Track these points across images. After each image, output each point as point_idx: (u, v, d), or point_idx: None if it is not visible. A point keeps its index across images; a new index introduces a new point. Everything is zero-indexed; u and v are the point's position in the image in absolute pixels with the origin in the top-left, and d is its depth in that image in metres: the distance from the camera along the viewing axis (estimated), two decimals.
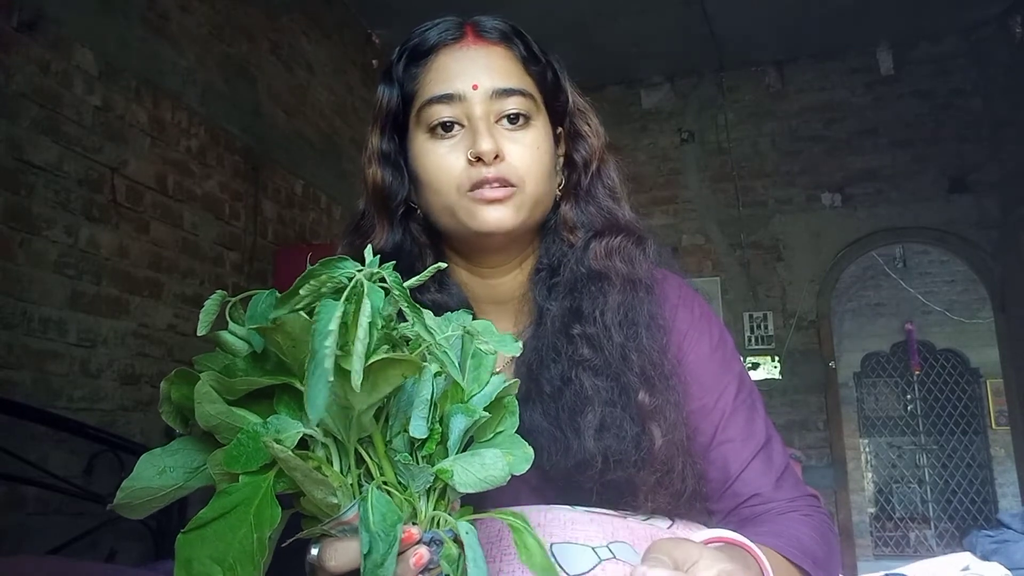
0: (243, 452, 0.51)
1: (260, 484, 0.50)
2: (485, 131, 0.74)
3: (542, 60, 0.81)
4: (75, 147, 2.52)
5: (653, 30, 4.90)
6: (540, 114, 0.79)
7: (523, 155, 0.76)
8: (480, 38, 0.78)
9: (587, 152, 0.84)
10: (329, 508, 0.51)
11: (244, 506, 0.50)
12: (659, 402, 0.74)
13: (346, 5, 4.42)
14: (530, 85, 0.79)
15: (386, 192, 0.81)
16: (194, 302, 3.05)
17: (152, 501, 0.54)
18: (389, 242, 0.81)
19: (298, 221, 3.83)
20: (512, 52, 0.79)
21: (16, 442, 2.17)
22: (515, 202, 0.75)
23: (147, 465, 0.53)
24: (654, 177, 5.50)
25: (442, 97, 0.75)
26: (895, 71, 5.09)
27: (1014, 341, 4.81)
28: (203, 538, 0.50)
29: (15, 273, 2.30)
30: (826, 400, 5.03)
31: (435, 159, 0.76)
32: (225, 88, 3.34)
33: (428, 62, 0.78)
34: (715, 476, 0.78)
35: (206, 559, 0.49)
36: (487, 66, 0.77)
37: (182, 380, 0.53)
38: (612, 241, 0.80)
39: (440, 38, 0.78)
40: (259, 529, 0.49)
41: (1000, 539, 2.73)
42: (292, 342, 0.50)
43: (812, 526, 0.74)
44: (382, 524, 0.49)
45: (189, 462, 0.54)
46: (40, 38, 2.41)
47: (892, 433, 8.58)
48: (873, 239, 5.18)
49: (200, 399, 0.51)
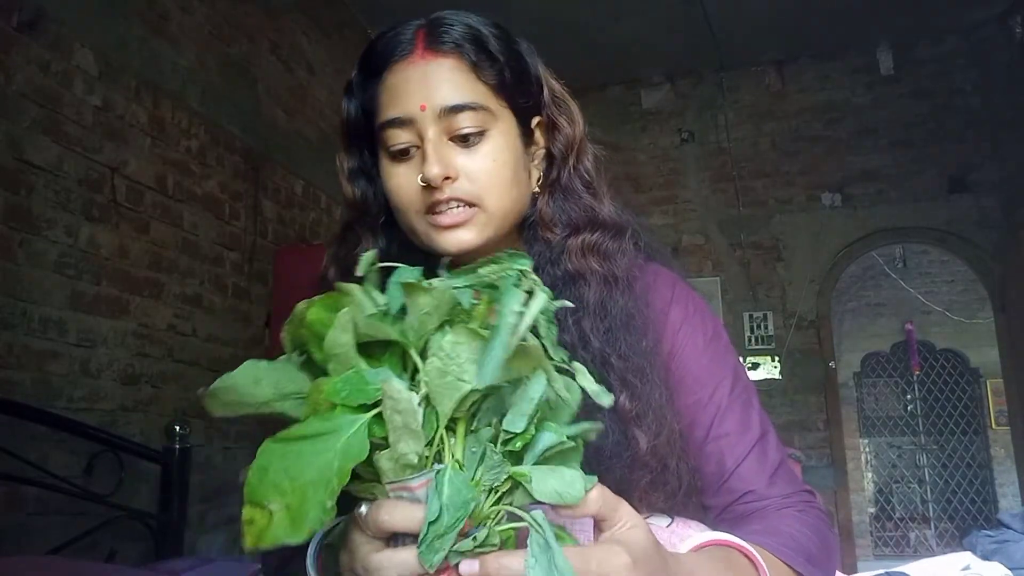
0: (348, 387, 0.52)
1: (358, 419, 0.52)
2: (432, 154, 0.73)
3: (500, 59, 0.78)
4: (75, 147, 2.52)
5: (653, 30, 4.90)
6: (499, 120, 0.77)
7: (479, 171, 0.75)
8: (429, 51, 0.76)
9: (563, 144, 0.83)
10: (401, 469, 0.52)
11: (335, 434, 0.51)
12: (640, 406, 0.73)
13: (346, 5, 4.42)
14: (483, 94, 0.76)
15: (362, 207, 0.82)
16: (194, 302, 3.05)
17: (235, 405, 0.56)
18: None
19: (298, 221, 3.83)
20: (462, 62, 0.76)
21: (16, 442, 2.17)
22: (476, 223, 0.75)
23: (247, 371, 0.56)
24: (654, 177, 5.50)
25: (394, 121, 0.75)
26: (895, 71, 5.09)
27: (1014, 341, 4.81)
28: (286, 451, 0.51)
29: (15, 273, 2.30)
30: (826, 400, 5.03)
31: (395, 182, 0.76)
32: (225, 88, 3.34)
33: (381, 80, 0.77)
34: (711, 471, 0.78)
35: (282, 471, 0.50)
36: (435, 83, 0.75)
37: (324, 305, 0.55)
38: (589, 238, 0.79)
39: (391, 53, 0.77)
40: (343, 459, 0.50)
41: (1000, 539, 2.73)
42: (433, 306, 0.53)
43: (806, 522, 0.74)
44: (455, 498, 0.50)
45: (282, 385, 0.56)
46: (40, 38, 2.40)
47: (892, 433, 8.58)
48: (873, 239, 5.18)
49: (340, 325, 0.53)
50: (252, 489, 0.50)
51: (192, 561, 2.23)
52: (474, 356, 0.52)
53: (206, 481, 3.01)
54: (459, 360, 0.52)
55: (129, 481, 2.54)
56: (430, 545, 0.49)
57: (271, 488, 0.50)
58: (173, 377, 2.91)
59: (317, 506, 0.49)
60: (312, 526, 0.48)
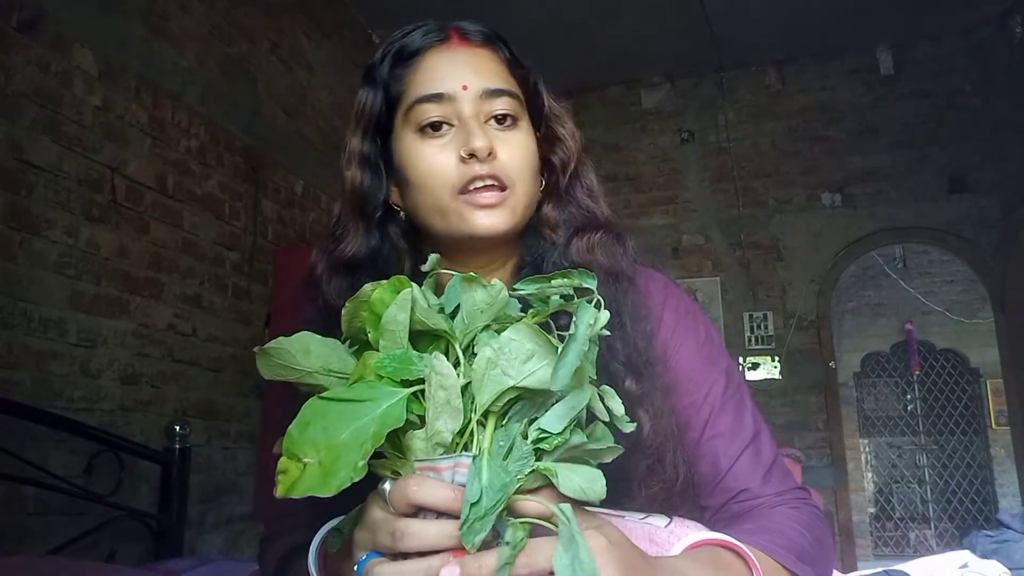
0: (395, 363, 0.55)
1: (397, 392, 0.54)
2: (478, 129, 0.74)
3: (523, 65, 0.83)
4: (75, 147, 2.52)
5: (653, 30, 4.90)
6: (525, 116, 0.80)
7: (513, 155, 0.76)
8: (464, 40, 0.79)
9: (565, 154, 0.85)
10: (432, 448, 0.54)
11: (376, 402, 0.53)
12: (645, 388, 0.75)
13: (346, 5, 4.42)
14: (515, 87, 0.80)
15: (364, 195, 0.81)
16: (194, 302, 3.05)
17: (284, 369, 0.58)
18: (364, 247, 0.81)
19: (298, 221, 3.83)
20: (497, 54, 0.80)
21: (16, 442, 2.17)
22: (509, 205, 0.76)
23: (301, 340, 0.58)
24: (654, 177, 5.50)
25: (432, 96, 0.75)
26: (895, 71, 5.09)
27: (1014, 341, 4.81)
28: (328, 410, 0.53)
29: (15, 273, 2.30)
30: (826, 400, 5.03)
31: (426, 158, 0.76)
32: (225, 88, 3.34)
33: (415, 63, 0.78)
34: (705, 471, 0.79)
35: (321, 428, 0.52)
36: (475, 67, 0.77)
37: (388, 287, 0.58)
38: (593, 237, 0.81)
39: (425, 40, 0.79)
40: (380, 424, 0.52)
41: (1000, 539, 2.72)
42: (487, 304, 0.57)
43: (799, 519, 0.74)
44: (494, 483, 0.51)
45: (330, 360, 0.59)
46: (40, 38, 2.40)
47: (892, 433, 8.57)
48: (873, 239, 5.18)
49: (399, 303, 0.56)
50: (291, 441, 0.52)
51: (192, 561, 2.23)
52: (524, 355, 0.55)
53: (206, 481, 3.01)
54: (510, 356, 0.55)
55: (129, 481, 2.54)
56: (471, 526, 0.50)
57: (308, 442, 0.52)
58: (173, 377, 2.91)
59: (348, 465, 0.51)
60: (341, 483, 0.50)
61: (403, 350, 0.56)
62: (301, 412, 0.53)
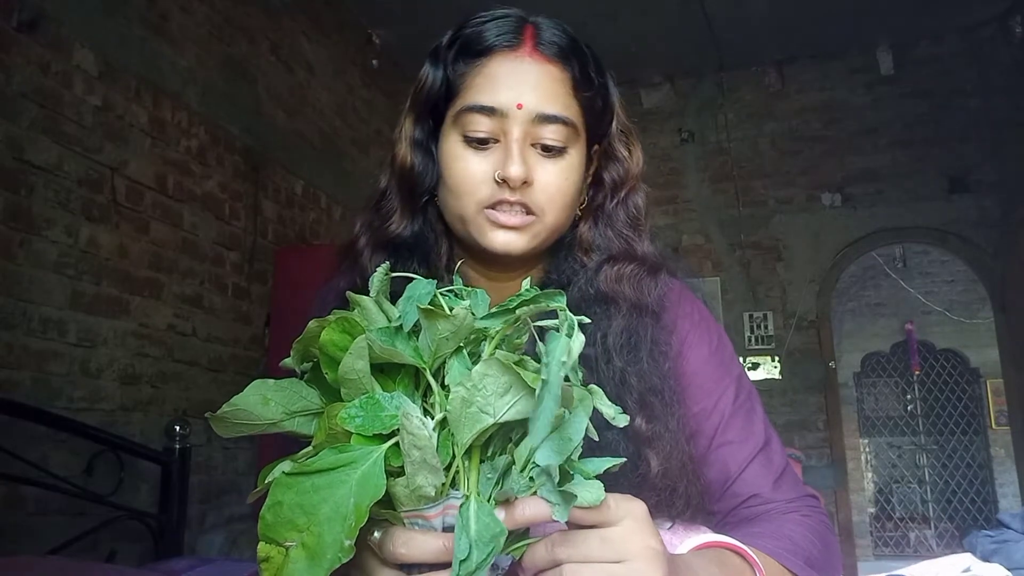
0: (363, 414, 0.51)
1: (374, 451, 0.50)
2: (518, 155, 0.73)
3: (595, 82, 0.80)
4: (75, 147, 2.52)
5: (653, 30, 4.90)
6: (578, 141, 0.78)
7: (550, 184, 0.75)
8: (537, 51, 0.76)
9: (619, 176, 0.83)
10: (417, 500, 0.51)
11: (351, 467, 0.49)
12: (656, 428, 0.73)
13: (346, 5, 4.42)
14: (575, 112, 0.77)
15: (414, 178, 0.80)
16: (194, 302, 3.05)
17: (244, 426, 0.55)
18: (409, 229, 0.81)
19: (298, 221, 3.83)
20: (565, 73, 0.77)
21: (16, 442, 2.17)
22: (531, 231, 0.75)
23: (255, 391, 0.54)
24: (654, 177, 5.49)
25: (484, 108, 0.74)
26: (895, 71, 5.09)
27: (1014, 341, 4.81)
28: (300, 485, 0.49)
29: (15, 273, 2.30)
30: (826, 400, 5.03)
31: (463, 167, 0.75)
32: (225, 88, 3.34)
33: (479, 63, 0.76)
34: (715, 477, 0.78)
35: (297, 507, 0.49)
36: (536, 85, 0.75)
37: (338, 327, 0.54)
38: (624, 268, 0.79)
39: (497, 41, 0.76)
40: (359, 495, 0.48)
41: (1000, 539, 2.72)
42: (451, 332, 0.53)
43: (809, 527, 0.74)
44: (483, 534, 0.49)
45: (290, 403, 0.55)
46: (40, 38, 2.40)
47: (892, 433, 8.58)
48: (873, 239, 5.18)
49: (355, 352, 0.52)
50: (267, 526, 0.49)
51: (192, 561, 2.23)
52: (501, 389, 0.51)
53: (206, 481, 3.01)
54: (485, 392, 0.51)
55: (129, 481, 2.54)
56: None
57: (287, 525, 0.49)
58: (173, 377, 2.91)
59: (335, 544, 0.47)
60: (331, 564, 0.47)
61: (369, 396, 0.52)
62: (271, 493, 0.50)
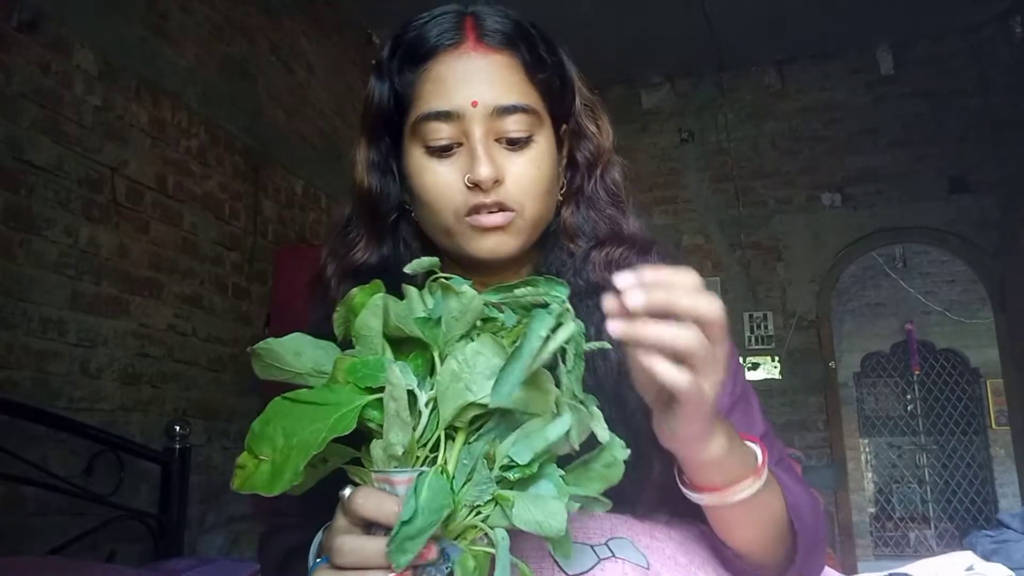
0: (363, 369, 0.55)
1: (355, 399, 0.54)
2: (483, 155, 0.69)
3: (548, 62, 0.76)
4: (75, 147, 2.52)
5: (653, 30, 4.90)
6: (543, 126, 0.74)
7: (522, 176, 0.72)
8: (481, 43, 0.72)
9: (591, 153, 0.80)
10: (387, 460, 0.53)
11: (332, 407, 0.53)
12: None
13: (346, 5, 4.42)
14: (533, 97, 0.74)
15: (375, 201, 0.77)
16: (194, 302, 3.05)
17: (276, 369, 0.58)
18: (375, 255, 0.78)
19: (298, 221, 3.83)
20: (515, 59, 0.73)
21: (16, 442, 2.17)
22: (514, 227, 0.72)
23: (293, 341, 0.58)
24: (654, 177, 5.49)
25: (439, 114, 0.70)
26: (895, 71, 5.09)
27: (1014, 341, 4.81)
28: (289, 411, 0.54)
29: (15, 273, 2.30)
30: (826, 400, 5.03)
31: (432, 179, 0.72)
32: (225, 88, 3.34)
33: (425, 69, 0.72)
34: None
35: (279, 428, 0.53)
36: (488, 78, 0.71)
37: (366, 290, 0.58)
38: (613, 252, 0.76)
39: (438, 41, 0.72)
40: (329, 431, 0.52)
41: (1000, 539, 2.72)
42: (460, 312, 0.55)
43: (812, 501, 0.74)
44: (432, 502, 0.50)
45: (321, 363, 0.58)
46: (40, 38, 2.40)
47: (892, 433, 8.57)
48: (873, 239, 5.18)
49: (371, 309, 0.56)
50: (253, 436, 0.53)
51: (192, 561, 2.23)
52: (489, 371, 0.52)
53: (206, 481, 3.01)
54: (474, 369, 0.52)
55: (129, 481, 2.54)
56: (400, 545, 0.49)
57: (267, 441, 0.52)
58: (173, 377, 2.91)
59: (293, 467, 0.51)
60: (283, 486, 0.51)
61: (376, 356, 0.55)
62: (266, 410, 0.54)
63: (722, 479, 0.62)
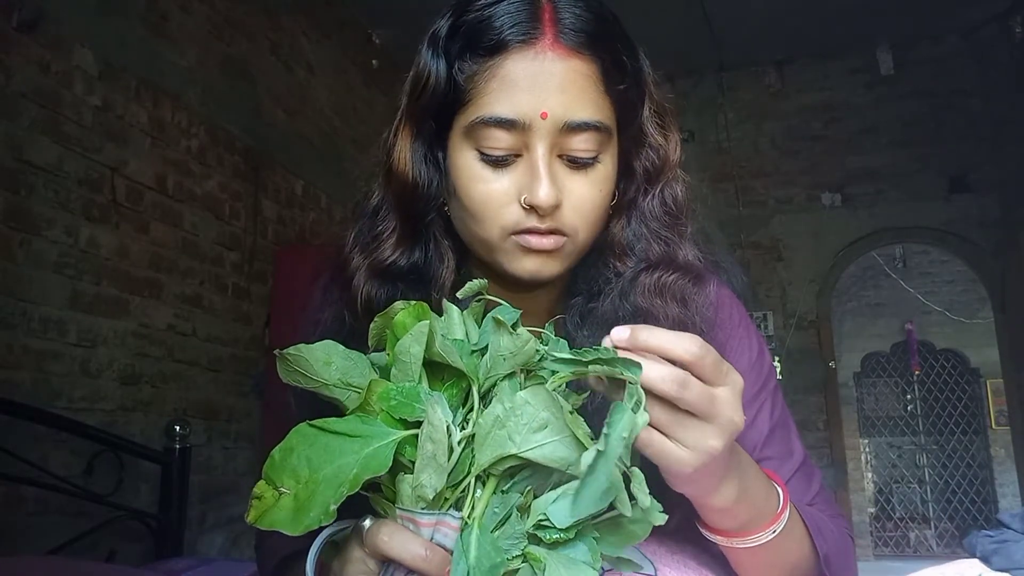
0: (400, 398, 0.51)
1: (389, 433, 0.50)
2: (546, 176, 0.62)
3: (628, 69, 0.68)
4: (75, 147, 2.52)
5: (653, 30, 4.88)
6: (611, 144, 0.67)
7: (583, 201, 0.65)
8: (559, 42, 0.63)
9: (654, 165, 0.71)
10: (415, 499, 0.50)
11: (363, 440, 0.50)
12: None
13: (346, 5, 4.42)
14: (607, 112, 0.65)
15: (419, 197, 0.69)
16: (194, 302, 3.05)
17: (301, 376, 0.55)
18: (406, 258, 0.70)
19: (298, 221, 3.83)
20: (594, 67, 0.64)
21: (16, 442, 2.17)
22: (563, 252, 0.66)
23: (323, 349, 0.55)
24: None
25: (503, 122, 0.62)
26: (895, 71, 5.09)
27: (1014, 341, 4.81)
28: (315, 440, 0.50)
29: (15, 273, 2.30)
30: (826, 400, 5.03)
31: (484, 189, 0.64)
32: (225, 88, 3.34)
33: (492, 64, 0.63)
34: None
35: (304, 458, 0.50)
36: (561, 87, 0.62)
37: (412, 312, 0.55)
38: (666, 277, 0.68)
39: (511, 34, 0.63)
40: (362, 468, 0.49)
41: (1000, 539, 2.72)
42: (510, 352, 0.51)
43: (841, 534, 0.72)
44: (483, 562, 0.47)
45: (350, 374, 0.55)
46: (40, 38, 2.40)
47: (892, 433, 8.58)
48: (873, 239, 5.18)
49: (414, 334, 0.52)
50: (272, 466, 0.50)
51: (192, 561, 2.23)
52: (536, 424, 0.49)
53: (206, 481, 3.01)
54: (520, 420, 0.49)
55: (129, 481, 2.54)
56: None
57: (289, 471, 0.49)
58: (173, 377, 2.91)
59: (321, 505, 0.47)
60: (310, 524, 0.47)
61: (413, 384, 0.52)
62: (288, 437, 0.50)
63: (735, 525, 0.58)
